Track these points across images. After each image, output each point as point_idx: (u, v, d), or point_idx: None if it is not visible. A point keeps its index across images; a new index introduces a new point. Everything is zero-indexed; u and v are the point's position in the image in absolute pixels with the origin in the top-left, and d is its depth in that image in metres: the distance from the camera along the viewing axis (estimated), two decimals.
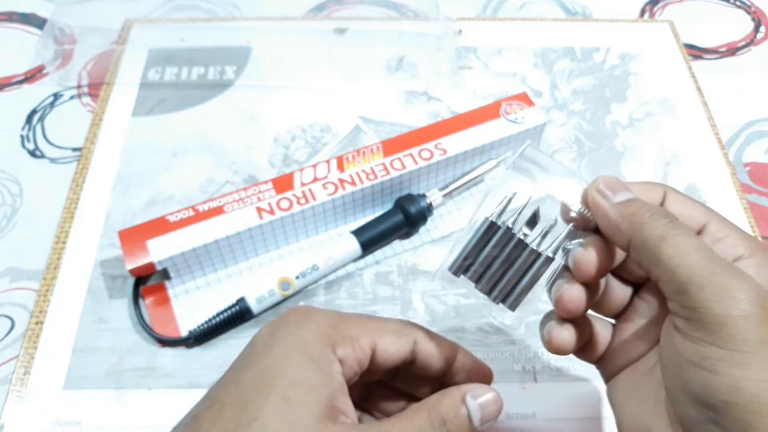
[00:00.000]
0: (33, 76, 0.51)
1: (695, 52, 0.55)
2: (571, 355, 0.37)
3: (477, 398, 0.25)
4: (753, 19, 0.58)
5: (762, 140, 0.49)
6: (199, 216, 0.39)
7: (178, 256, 0.37)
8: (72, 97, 0.50)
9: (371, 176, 0.40)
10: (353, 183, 0.40)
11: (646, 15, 0.58)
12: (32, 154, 0.47)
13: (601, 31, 0.56)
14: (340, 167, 0.41)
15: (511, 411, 0.36)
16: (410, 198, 0.41)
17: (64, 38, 0.53)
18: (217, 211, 0.39)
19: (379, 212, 0.42)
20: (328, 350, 0.25)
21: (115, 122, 0.48)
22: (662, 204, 0.26)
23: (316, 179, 0.40)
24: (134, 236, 0.38)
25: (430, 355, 0.28)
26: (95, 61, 0.52)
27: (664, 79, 0.52)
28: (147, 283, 0.39)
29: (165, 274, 0.39)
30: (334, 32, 0.55)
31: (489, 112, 0.44)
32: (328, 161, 0.41)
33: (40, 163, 0.46)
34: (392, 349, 0.27)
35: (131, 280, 0.39)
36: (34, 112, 0.49)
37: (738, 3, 0.59)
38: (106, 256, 0.41)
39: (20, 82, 0.51)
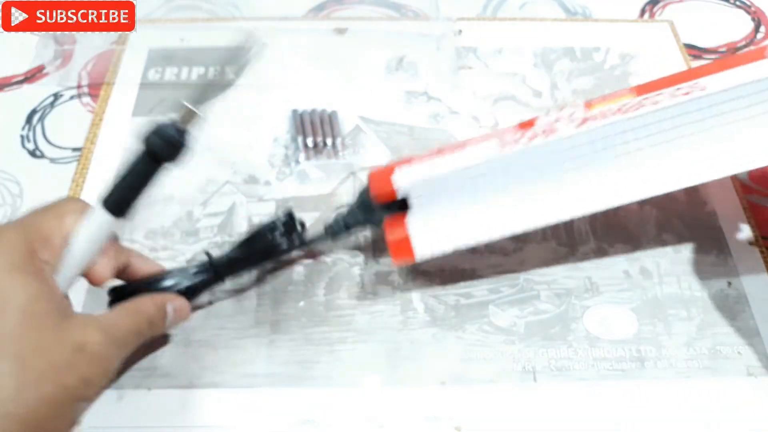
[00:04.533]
0: (33, 76, 0.51)
1: (695, 52, 0.55)
2: (571, 355, 0.37)
3: (173, 304, 0.34)
4: (753, 19, 0.58)
5: None
6: (442, 152, 0.41)
7: (420, 182, 0.39)
8: (72, 97, 0.50)
9: (619, 113, 0.38)
10: (598, 119, 0.38)
11: (646, 15, 0.58)
12: (32, 154, 0.47)
13: (601, 31, 0.56)
14: (588, 107, 0.40)
15: (510, 411, 0.36)
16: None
17: (64, 38, 0.53)
18: (461, 146, 0.40)
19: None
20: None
21: (116, 122, 0.48)
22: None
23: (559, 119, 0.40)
24: (382, 174, 0.40)
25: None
26: (95, 61, 0.52)
27: None
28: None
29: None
30: (334, 32, 0.55)
31: (751, 56, 0.39)
32: (573, 103, 0.41)
33: (40, 163, 0.46)
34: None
35: None
36: (34, 112, 0.49)
37: (738, 3, 0.59)
38: None
39: (20, 82, 0.51)
